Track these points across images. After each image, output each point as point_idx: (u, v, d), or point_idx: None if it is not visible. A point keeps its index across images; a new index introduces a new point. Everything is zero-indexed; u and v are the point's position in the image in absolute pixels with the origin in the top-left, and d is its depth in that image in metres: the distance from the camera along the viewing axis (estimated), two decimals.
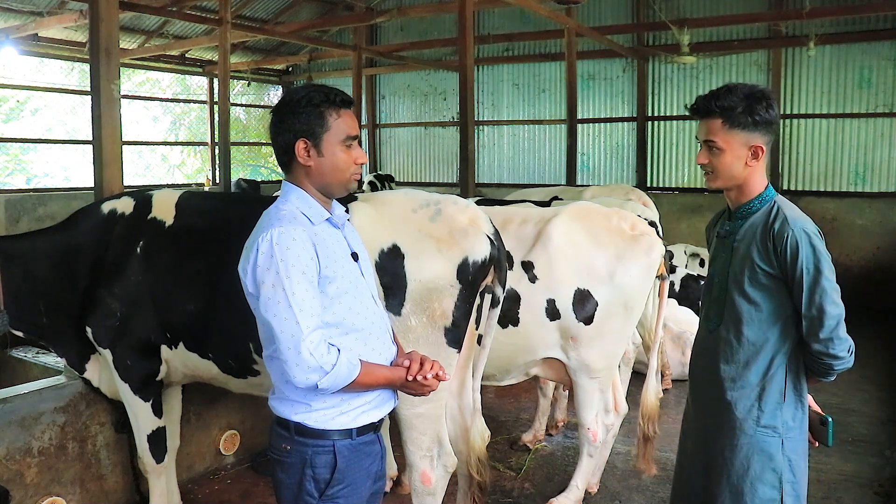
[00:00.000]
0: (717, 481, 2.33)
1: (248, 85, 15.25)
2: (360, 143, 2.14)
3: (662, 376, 5.49)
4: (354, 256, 2.14)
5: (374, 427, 2.14)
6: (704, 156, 2.29)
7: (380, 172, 13.64)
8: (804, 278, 2.14)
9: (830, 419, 2.33)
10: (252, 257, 1.96)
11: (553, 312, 3.55)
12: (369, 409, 2.10)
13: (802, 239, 2.15)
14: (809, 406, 2.34)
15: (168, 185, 13.64)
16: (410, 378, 2.07)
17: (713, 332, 2.38)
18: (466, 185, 6.24)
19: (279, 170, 2.12)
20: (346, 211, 2.27)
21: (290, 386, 2.01)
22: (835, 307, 2.15)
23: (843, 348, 2.18)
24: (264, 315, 1.94)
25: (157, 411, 3.40)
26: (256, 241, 1.96)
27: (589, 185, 7.30)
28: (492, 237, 2.95)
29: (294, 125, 2.03)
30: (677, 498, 2.59)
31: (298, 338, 1.89)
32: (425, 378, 2.07)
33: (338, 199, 2.18)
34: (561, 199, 6.01)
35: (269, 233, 1.94)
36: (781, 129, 10.15)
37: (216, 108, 11.45)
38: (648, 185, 11.52)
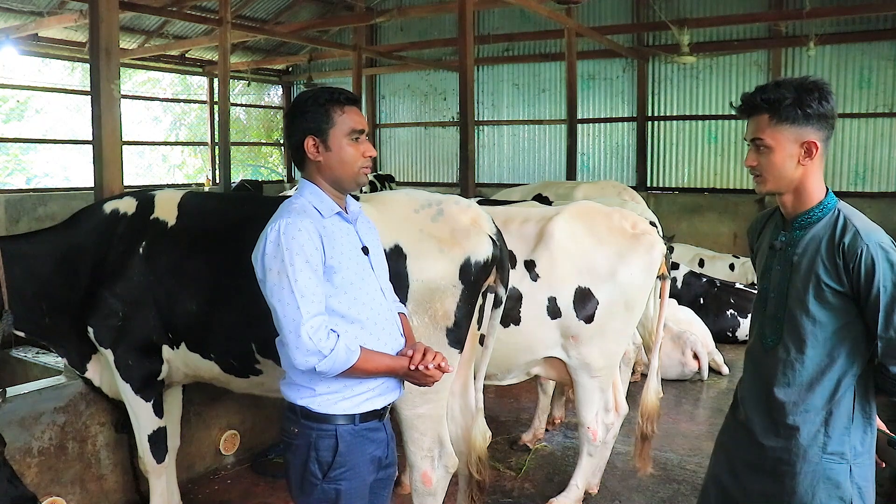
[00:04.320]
0: None
1: (248, 85, 15.26)
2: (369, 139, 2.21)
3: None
4: (365, 250, 2.23)
5: (378, 414, 2.20)
6: (753, 157, 2.07)
7: (380, 172, 13.63)
8: (881, 297, 1.93)
9: None
10: (262, 246, 2.08)
11: (554, 311, 3.55)
12: (373, 396, 2.17)
13: (879, 255, 1.93)
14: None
15: (169, 185, 13.65)
16: (413, 367, 2.14)
17: (769, 351, 2.15)
18: (466, 185, 6.24)
19: (279, 170, 2.20)
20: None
21: (296, 370, 2.11)
22: None
23: None
24: (270, 300, 2.06)
25: (158, 411, 3.39)
26: (266, 231, 2.09)
27: (579, 182, 6.94)
28: (494, 237, 2.95)
29: (302, 124, 2.17)
30: None
31: (298, 322, 1.99)
32: (427, 368, 2.14)
33: None
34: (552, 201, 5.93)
35: (277, 223, 2.07)
36: None
37: (216, 108, 11.45)
38: (648, 185, 11.53)
